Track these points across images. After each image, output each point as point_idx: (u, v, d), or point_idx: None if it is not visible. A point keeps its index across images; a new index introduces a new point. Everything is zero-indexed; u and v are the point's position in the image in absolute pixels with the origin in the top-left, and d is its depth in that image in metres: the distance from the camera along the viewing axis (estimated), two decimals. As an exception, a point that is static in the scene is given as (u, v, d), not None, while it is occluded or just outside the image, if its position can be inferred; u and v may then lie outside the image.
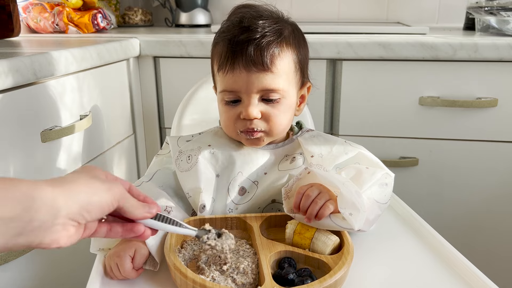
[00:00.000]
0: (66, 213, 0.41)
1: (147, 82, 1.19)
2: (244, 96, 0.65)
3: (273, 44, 0.63)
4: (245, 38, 0.63)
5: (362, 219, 0.56)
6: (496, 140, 1.08)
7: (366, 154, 0.68)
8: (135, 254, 0.54)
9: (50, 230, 0.40)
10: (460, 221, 1.15)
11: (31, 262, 0.76)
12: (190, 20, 1.57)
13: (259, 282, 0.51)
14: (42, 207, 0.39)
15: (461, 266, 0.56)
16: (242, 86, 0.64)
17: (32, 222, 0.39)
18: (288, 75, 0.66)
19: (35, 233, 0.39)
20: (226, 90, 0.66)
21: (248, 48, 0.62)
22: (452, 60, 1.04)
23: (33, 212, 0.39)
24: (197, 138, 0.73)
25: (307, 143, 0.69)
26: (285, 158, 0.69)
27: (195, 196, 0.64)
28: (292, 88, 0.67)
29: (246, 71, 0.63)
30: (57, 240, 0.41)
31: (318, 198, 0.57)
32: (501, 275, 1.16)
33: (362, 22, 1.58)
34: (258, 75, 0.63)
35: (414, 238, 0.65)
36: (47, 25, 1.35)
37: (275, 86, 0.64)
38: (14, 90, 0.72)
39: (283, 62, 0.65)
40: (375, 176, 0.63)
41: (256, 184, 0.66)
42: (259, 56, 0.62)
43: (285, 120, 0.68)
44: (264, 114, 0.65)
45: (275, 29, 0.64)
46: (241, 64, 0.63)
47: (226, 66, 0.64)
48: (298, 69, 0.68)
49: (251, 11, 0.66)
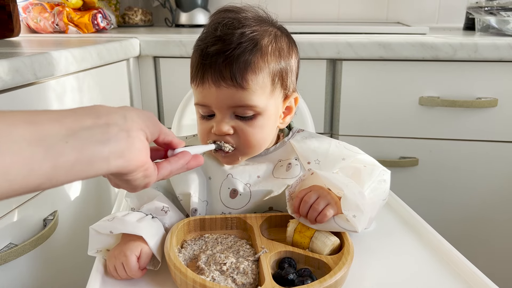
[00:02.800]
0: (132, 120, 0.42)
1: (147, 82, 1.19)
2: (216, 111, 0.61)
3: (245, 56, 0.58)
4: (215, 51, 0.59)
5: (366, 221, 0.56)
6: (496, 140, 1.08)
7: (361, 158, 0.66)
8: (141, 253, 0.54)
9: (131, 136, 0.41)
10: (460, 221, 1.15)
11: (31, 262, 0.76)
12: (190, 20, 1.57)
13: (259, 282, 0.51)
14: (109, 114, 0.40)
15: (461, 266, 0.56)
16: (212, 101, 0.60)
17: (111, 127, 0.40)
18: (264, 89, 0.61)
19: (121, 139, 0.40)
20: (199, 103, 0.63)
21: (217, 61, 0.58)
22: (452, 60, 1.04)
23: (105, 118, 0.40)
24: (190, 140, 0.72)
25: (301, 147, 0.67)
26: (279, 164, 0.67)
27: (186, 200, 0.64)
28: (271, 103, 0.62)
29: (215, 87, 0.59)
30: (144, 152, 0.43)
31: (316, 204, 0.56)
32: (501, 275, 1.16)
33: (362, 22, 1.58)
34: (228, 91, 0.59)
35: (414, 238, 0.65)
36: (47, 25, 1.35)
37: (247, 103, 0.60)
38: (14, 90, 0.72)
39: (257, 77, 0.59)
40: (373, 174, 0.63)
41: (248, 186, 0.65)
42: (228, 70, 0.58)
43: (261, 137, 0.63)
44: (237, 130, 0.61)
45: (250, 39, 0.59)
46: (210, 79, 0.59)
47: (196, 79, 0.61)
48: (277, 82, 0.63)
49: (231, 16, 0.62)
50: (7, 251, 0.68)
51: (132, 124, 0.42)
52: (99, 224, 0.57)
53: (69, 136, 0.36)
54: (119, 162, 0.40)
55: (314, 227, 0.57)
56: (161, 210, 0.61)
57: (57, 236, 0.81)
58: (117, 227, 0.56)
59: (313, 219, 0.56)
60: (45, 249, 0.78)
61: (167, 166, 0.48)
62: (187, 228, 0.60)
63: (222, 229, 0.62)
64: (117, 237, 0.57)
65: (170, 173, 0.49)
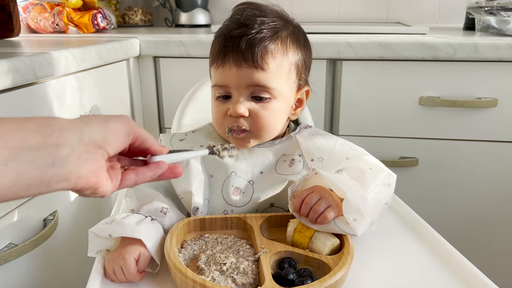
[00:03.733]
0: (89, 137, 0.39)
1: (147, 82, 1.19)
2: (233, 91, 0.64)
3: (266, 41, 0.62)
4: (238, 34, 0.62)
5: (366, 225, 0.56)
6: (496, 140, 1.08)
7: (367, 159, 0.66)
8: (140, 256, 0.54)
9: (82, 158, 0.39)
10: (460, 221, 1.15)
11: (31, 262, 0.76)
12: (190, 20, 1.57)
13: (259, 282, 0.51)
14: (63, 132, 0.38)
15: (461, 266, 0.56)
16: (231, 81, 0.63)
17: (59, 148, 0.37)
18: (281, 75, 0.64)
19: (69, 162, 0.38)
20: (217, 84, 0.65)
21: (240, 44, 0.62)
22: (452, 60, 1.04)
23: (56, 136, 0.37)
24: (190, 137, 0.72)
25: (307, 144, 0.67)
26: (282, 158, 0.67)
27: (187, 198, 0.64)
28: (285, 90, 0.65)
29: (236, 67, 0.62)
30: (95, 173, 0.40)
31: (317, 206, 0.56)
32: (501, 275, 1.16)
33: (362, 22, 1.58)
34: (248, 71, 0.62)
35: (414, 238, 0.65)
36: (47, 25, 1.35)
37: (265, 84, 0.63)
38: (14, 90, 0.72)
39: (276, 61, 0.63)
40: (378, 177, 0.62)
41: (251, 184, 0.65)
42: (250, 52, 0.61)
43: (275, 122, 0.65)
44: (252, 113, 0.64)
45: (272, 27, 0.63)
46: (231, 59, 0.62)
47: (217, 61, 0.64)
48: (293, 71, 0.66)
49: (253, 8, 0.66)
50: (7, 251, 0.68)
51: (88, 144, 0.39)
52: (98, 227, 0.57)
53: (9, 158, 0.35)
54: (62, 185, 0.38)
55: (314, 227, 0.57)
56: (160, 211, 0.61)
57: (57, 236, 0.81)
58: (116, 231, 0.56)
59: (314, 221, 0.56)
60: (45, 249, 0.78)
61: (132, 178, 0.46)
62: (187, 228, 0.60)
63: (222, 229, 0.62)
64: (116, 239, 0.57)
65: (135, 183, 0.46)
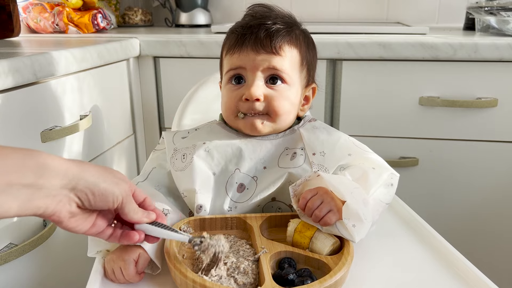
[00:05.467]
0: (72, 186, 0.43)
1: (147, 82, 1.19)
2: (249, 74, 0.66)
3: (283, 32, 0.65)
4: (257, 23, 0.65)
5: (366, 230, 0.56)
6: (496, 140, 1.08)
7: (370, 157, 0.66)
8: (139, 258, 0.54)
9: (55, 198, 0.43)
10: (460, 221, 1.15)
11: (31, 262, 0.76)
12: (190, 20, 1.57)
13: (259, 282, 0.51)
14: (54, 177, 0.42)
15: (461, 266, 0.56)
16: (248, 63, 0.65)
17: (42, 190, 0.41)
18: (295, 64, 0.67)
19: (43, 200, 0.42)
20: (232, 68, 0.67)
21: (259, 32, 0.64)
22: (452, 60, 1.04)
23: (45, 179, 0.41)
24: (192, 134, 0.71)
25: (309, 137, 0.67)
26: (285, 152, 0.67)
27: (191, 197, 0.63)
28: (297, 78, 0.68)
29: (253, 52, 0.65)
30: (60, 213, 0.44)
31: (318, 210, 0.56)
32: (501, 275, 1.16)
33: (362, 22, 1.58)
34: (265, 56, 0.64)
35: (414, 238, 0.65)
36: (47, 25, 1.35)
37: (281, 67, 0.65)
38: (14, 90, 0.72)
39: (291, 51, 0.66)
40: (381, 178, 0.62)
41: (255, 179, 0.65)
42: (268, 40, 0.64)
43: (288, 108, 0.67)
44: (266, 98, 0.65)
45: (287, 22, 0.67)
46: (249, 46, 0.65)
47: (235, 47, 0.66)
48: (305, 65, 0.69)
49: (264, 7, 0.69)
50: (7, 251, 0.68)
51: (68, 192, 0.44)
52: None
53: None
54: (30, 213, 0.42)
55: (316, 225, 0.57)
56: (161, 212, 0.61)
57: (57, 236, 0.81)
58: None
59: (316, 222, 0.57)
60: (45, 249, 0.78)
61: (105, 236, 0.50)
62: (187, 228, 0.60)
63: (222, 229, 0.62)
64: None
65: (107, 240, 0.51)
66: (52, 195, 0.42)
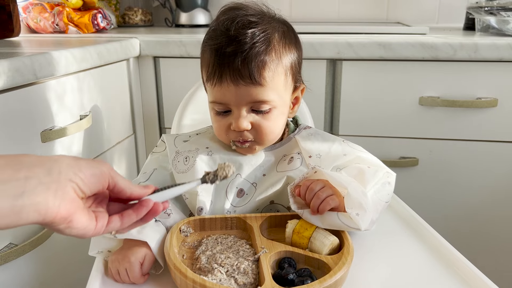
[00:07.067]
0: (59, 171, 0.40)
1: (147, 82, 1.19)
2: (233, 108, 0.64)
3: (261, 55, 0.61)
4: (232, 51, 0.61)
5: (368, 219, 0.57)
6: (496, 140, 1.08)
7: (365, 157, 0.67)
8: (145, 259, 0.54)
9: (51, 189, 0.39)
10: (460, 221, 1.15)
11: (31, 262, 0.76)
12: (190, 20, 1.57)
13: (259, 282, 0.51)
14: (32, 167, 0.39)
15: (461, 266, 0.56)
16: (230, 99, 0.63)
17: (28, 180, 0.38)
18: (279, 85, 0.65)
19: (37, 192, 0.39)
20: (216, 101, 0.65)
21: (235, 61, 0.61)
22: (452, 60, 1.04)
23: (25, 171, 0.39)
24: (194, 138, 0.72)
25: (305, 142, 0.69)
26: (283, 159, 0.68)
27: (192, 198, 0.64)
28: (284, 95, 0.66)
29: (234, 85, 0.62)
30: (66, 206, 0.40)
31: (320, 192, 0.57)
32: (501, 274, 1.16)
33: (362, 22, 1.58)
34: (246, 88, 0.62)
35: (414, 238, 0.65)
36: (47, 25, 1.35)
37: (264, 98, 0.63)
38: (14, 90, 0.72)
39: (273, 73, 0.63)
40: (377, 175, 0.63)
41: (254, 186, 0.66)
42: (246, 69, 0.61)
43: (277, 128, 0.67)
44: (254, 125, 0.65)
45: (264, 38, 0.62)
46: (228, 78, 0.62)
47: (214, 79, 0.63)
48: (289, 75, 0.67)
49: (239, 14, 0.64)
50: (7, 251, 0.68)
51: (58, 177, 0.40)
52: None
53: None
54: (32, 216, 0.39)
55: (317, 224, 0.57)
56: (164, 212, 0.61)
57: (57, 236, 0.81)
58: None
59: (316, 208, 0.57)
60: (45, 249, 0.78)
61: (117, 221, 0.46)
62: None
63: (222, 229, 0.62)
64: (119, 240, 0.57)
65: (121, 226, 0.47)
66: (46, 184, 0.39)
